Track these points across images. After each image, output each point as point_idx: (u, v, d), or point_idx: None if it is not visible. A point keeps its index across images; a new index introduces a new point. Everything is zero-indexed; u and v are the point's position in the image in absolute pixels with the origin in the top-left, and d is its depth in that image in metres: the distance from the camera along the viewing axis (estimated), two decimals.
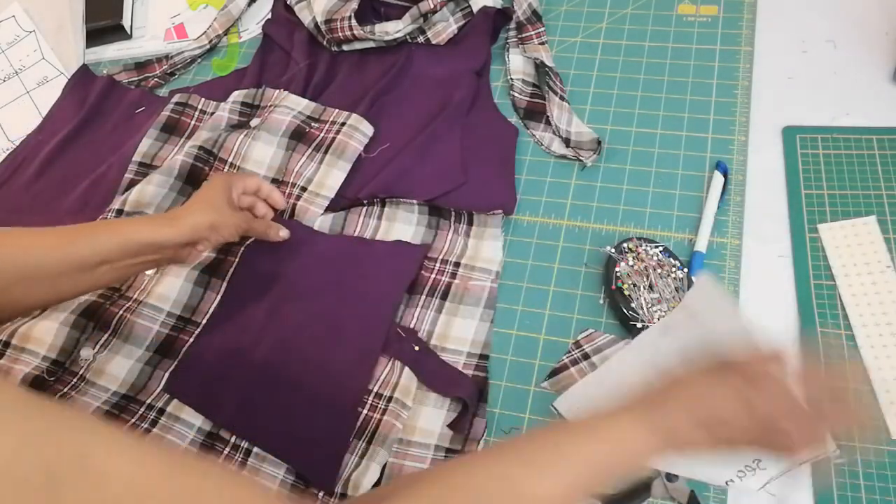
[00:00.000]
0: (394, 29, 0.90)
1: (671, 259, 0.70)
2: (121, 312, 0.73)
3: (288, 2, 0.97)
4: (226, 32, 1.00)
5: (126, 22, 1.03)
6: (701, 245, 0.72)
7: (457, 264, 0.75)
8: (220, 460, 0.65)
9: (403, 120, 0.86)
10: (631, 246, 0.71)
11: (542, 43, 0.89)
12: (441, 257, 0.76)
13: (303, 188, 0.81)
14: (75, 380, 0.70)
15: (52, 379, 0.69)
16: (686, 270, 0.69)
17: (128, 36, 1.04)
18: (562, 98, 0.83)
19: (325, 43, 0.94)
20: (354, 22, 0.90)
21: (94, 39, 1.03)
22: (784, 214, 0.73)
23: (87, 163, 0.90)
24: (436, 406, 0.67)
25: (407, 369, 0.68)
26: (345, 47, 0.93)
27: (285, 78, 0.92)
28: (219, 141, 0.84)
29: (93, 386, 0.70)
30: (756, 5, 0.88)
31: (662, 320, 0.64)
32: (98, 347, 0.72)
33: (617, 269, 0.70)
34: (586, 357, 0.68)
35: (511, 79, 0.87)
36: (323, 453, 0.64)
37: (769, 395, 0.46)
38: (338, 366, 0.70)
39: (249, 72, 0.95)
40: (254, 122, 0.86)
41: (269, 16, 1.01)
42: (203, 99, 0.92)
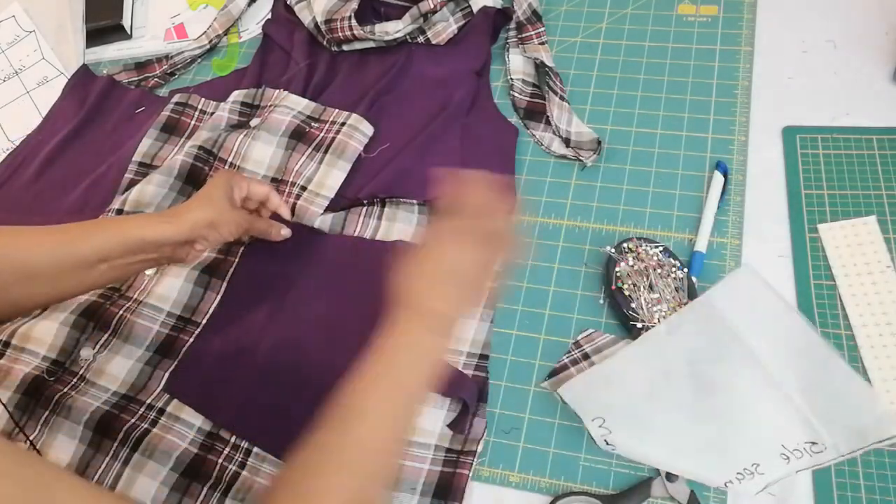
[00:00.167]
0: (394, 29, 0.90)
1: (671, 259, 0.70)
2: (121, 312, 0.73)
3: (288, 2, 0.97)
4: (226, 32, 1.00)
5: (126, 22, 1.03)
6: (701, 245, 0.72)
7: None
8: (220, 461, 0.65)
9: (403, 120, 0.85)
10: (631, 246, 0.71)
11: (542, 43, 0.89)
12: None
13: (303, 188, 0.81)
14: (75, 380, 0.70)
15: (52, 379, 0.69)
16: (686, 270, 0.69)
17: (128, 36, 1.04)
18: (562, 98, 0.83)
19: (325, 43, 0.94)
20: (354, 22, 0.90)
21: (94, 39, 1.03)
22: (784, 214, 0.73)
23: (87, 163, 0.90)
24: (436, 406, 0.67)
25: None
26: (345, 47, 0.93)
27: (285, 78, 0.92)
28: (219, 141, 0.84)
29: (93, 386, 0.70)
30: (756, 5, 0.88)
31: (670, 318, 0.64)
32: (98, 347, 0.72)
33: (617, 269, 0.70)
34: (586, 357, 0.68)
35: (511, 79, 0.87)
36: None
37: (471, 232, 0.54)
38: (338, 366, 0.69)
39: (249, 72, 0.95)
40: (254, 122, 0.86)
41: (269, 16, 1.01)
42: (203, 99, 0.92)
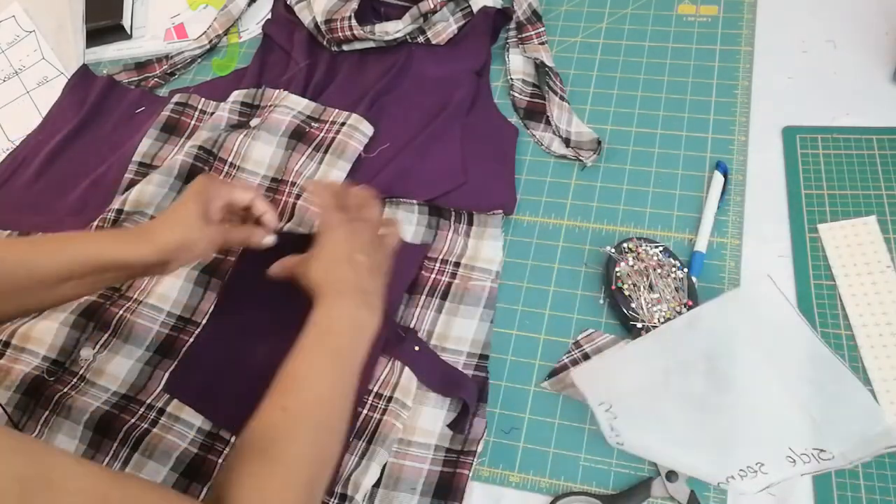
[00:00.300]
0: (394, 29, 0.90)
1: (671, 259, 0.70)
2: (121, 312, 0.73)
3: (288, 2, 0.97)
4: (226, 32, 1.00)
5: (126, 22, 1.03)
6: (701, 245, 0.72)
7: (457, 264, 0.75)
8: (220, 461, 0.65)
9: (403, 120, 0.86)
10: (631, 246, 0.71)
11: (542, 43, 0.89)
12: (441, 257, 0.76)
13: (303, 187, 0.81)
14: (75, 380, 0.70)
15: (52, 379, 0.70)
16: (686, 270, 0.69)
17: (128, 36, 1.04)
18: (562, 98, 0.83)
19: (325, 43, 0.94)
20: (354, 22, 0.90)
21: (94, 39, 1.03)
22: (784, 214, 0.73)
23: (87, 163, 0.90)
24: (436, 406, 0.67)
25: (407, 369, 0.68)
26: (345, 47, 0.93)
27: (285, 78, 0.92)
28: (219, 141, 0.84)
29: (93, 386, 0.70)
30: (756, 5, 0.88)
31: (691, 312, 0.66)
32: (98, 347, 0.72)
33: (617, 269, 0.70)
34: (586, 357, 0.68)
35: (511, 79, 0.87)
36: None
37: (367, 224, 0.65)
38: None
39: (249, 72, 0.95)
40: (254, 122, 0.86)
41: (269, 16, 1.01)
42: (203, 99, 0.92)
